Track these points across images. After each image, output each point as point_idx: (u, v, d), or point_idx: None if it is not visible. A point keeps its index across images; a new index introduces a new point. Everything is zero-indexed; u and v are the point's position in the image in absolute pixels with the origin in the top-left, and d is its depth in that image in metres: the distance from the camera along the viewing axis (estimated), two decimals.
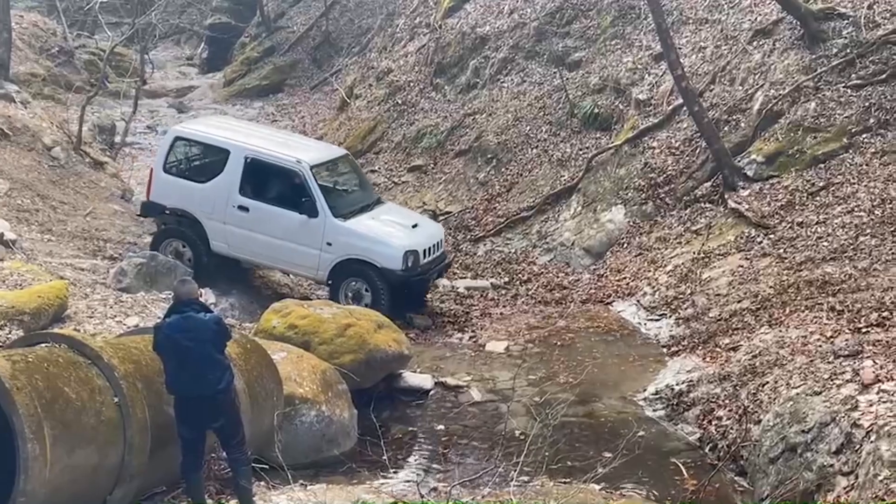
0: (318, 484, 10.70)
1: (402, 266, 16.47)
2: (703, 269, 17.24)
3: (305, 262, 16.74)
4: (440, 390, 14.52)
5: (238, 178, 16.83)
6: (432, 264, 17.23)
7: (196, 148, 18.01)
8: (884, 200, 16.39)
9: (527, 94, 24.11)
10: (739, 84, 20.29)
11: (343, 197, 17.88)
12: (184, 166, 17.79)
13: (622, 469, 11.28)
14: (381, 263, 16.43)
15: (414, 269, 16.65)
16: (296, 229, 16.56)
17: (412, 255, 16.62)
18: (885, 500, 8.58)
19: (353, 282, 16.55)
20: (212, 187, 17.04)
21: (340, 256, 16.53)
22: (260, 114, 32.81)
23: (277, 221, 16.68)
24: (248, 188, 16.88)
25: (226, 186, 16.89)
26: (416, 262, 16.69)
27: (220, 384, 9.27)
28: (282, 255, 16.81)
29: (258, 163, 16.85)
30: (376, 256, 16.47)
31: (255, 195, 16.87)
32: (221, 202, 16.90)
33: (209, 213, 17.01)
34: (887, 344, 11.82)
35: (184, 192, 17.23)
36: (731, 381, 13.23)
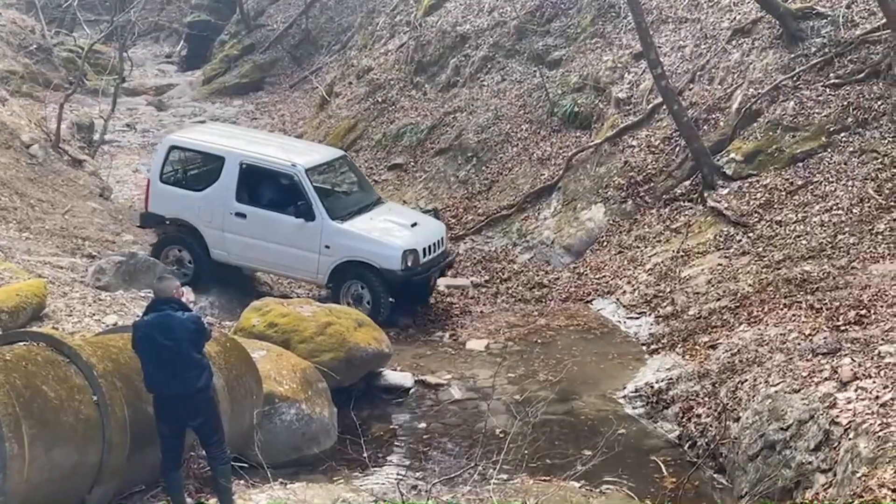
0: (297, 482, 10.69)
1: (401, 266, 16.26)
2: (682, 267, 17.30)
3: (305, 266, 16.58)
4: (420, 388, 14.53)
5: (234, 184, 16.67)
6: (433, 263, 17.01)
7: (191, 156, 17.85)
8: (862, 199, 16.48)
9: (507, 92, 24.13)
10: (719, 83, 20.37)
11: (341, 198, 17.75)
12: (180, 175, 17.60)
13: (602, 467, 11.33)
14: (379, 264, 16.25)
15: (414, 269, 16.43)
16: (293, 233, 16.40)
17: (411, 254, 16.41)
18: (862, 498, 8.62)
19: (353, 285, 16.38)
20: (208, 195, 16.88)
21: (339, 259, 16.35)
22: (239, 112, 32.75)
23: (275, 226, 16.54)
24: (245, 194, 16.72)
25: (222, 194, 16.73)
26: (416, 261, 16.48)
27: (198, 383, 9.25)
28: (281, 261, 16.70)
29: (253, 168, 16.73)
30: (375, 257, 16.30)
31: (251, 201, 16.72)
32: (219, 210, 16.72)
33: (207, 222, 16.83)
34: (865, 342, 11.88)
35: (181, 202, 17.05)
36: (711, 378, 13.28)
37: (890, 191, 16.35)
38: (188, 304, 9.66)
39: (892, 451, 9.07)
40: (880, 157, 17.08)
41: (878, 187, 16.54)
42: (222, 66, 36.52)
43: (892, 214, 15.91)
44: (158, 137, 26.19)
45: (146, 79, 38.42)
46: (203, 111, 33.36)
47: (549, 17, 24.81)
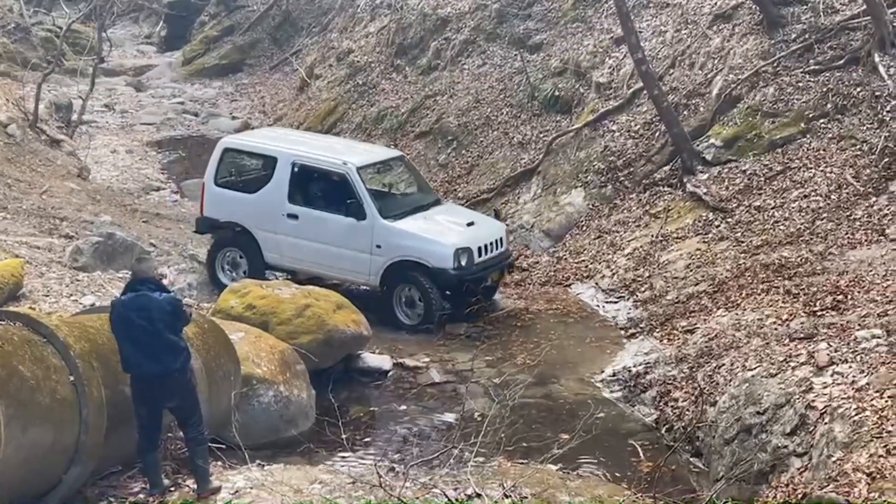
0: (275, 464, 10.69)
1: (453, 265, 15.65)
2: (661, 252, 17.34)
3: (356, 267, 16.09)
4: (399, 371, 14.52)
5: (286, 185, 16.36)
6: (490, 263, 16.30)
7: (245, 158, 17.75)
8: (840, 185, 16.55)
9: (488, 76, 24.12)
10: (699, 68, 20.40)
11: (395, 198, 17.47)
12: (234, 178, 17.38)
13: (579, 450, 11.35)
14: (431, 263, 15.64)
15: (468, 268, 15.78)
16: (345, 233, 15.98)
17: (465, 253, 15.76)
18: (837, 482, 8.68)
19: (406, 288, 15.83)
20: (261, 197, 16.60)
21: (391, 259, 15.82)
22: (219, 93, 32.65)
23: (327, 227, 16.15)
24: (298, 195, 16.41)
25: (275, 195, 16.43)
26: (471, 260, 15.84)
27: (174, 364, 9.24)
28: (333, 262, 16.26)
29: (306, 168, 16.43)
30: (426, 256, 15.71)
31: (304, 202, 16.42)
32: (272, 212, 16.43)
33: (261, 224, 16.55)
34: (842, 327, 11.94)
35: (235, 205, 16.78)
36: (688, 363, 13.34)
37: (868, 177, 16.42)
38: (167, 286, 9.61)
39: (867, 436, 9.13)
40: (859, 143, 17.14)
41: (856, 174, 16.61)
42: (202, 48, 36.40)
43: (869, 201, 15.98)
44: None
45: (125, 59, 38.25)
46: (182, 92, 33.24)
47: (530, 2, 24.84)
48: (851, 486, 8.48)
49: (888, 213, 15.48)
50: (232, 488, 9.75)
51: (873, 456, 8.74)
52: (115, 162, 25.17)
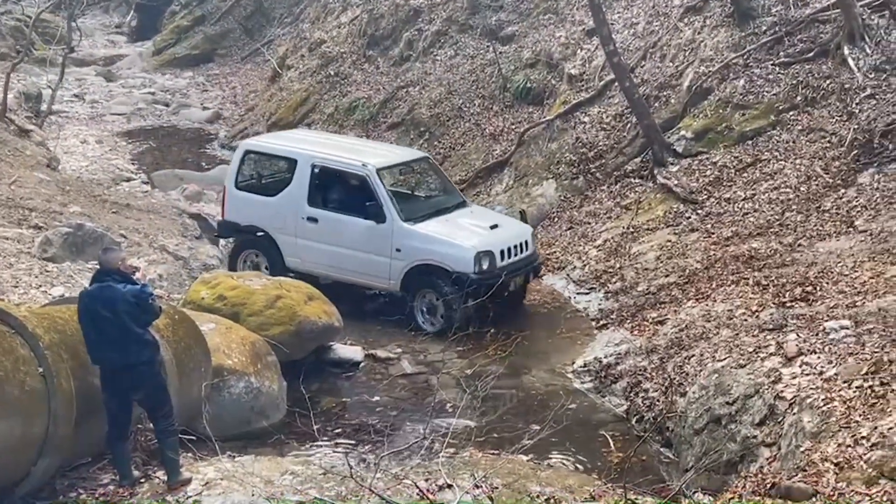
0: (246, 455, 10.66)
1: (474, 268, 15.14)
2: (632, 243, 17.40)
3: (376, 271, 15.69)
4: (370, 362, 14.52)
5: (306, 187, 16.09)
6: (515, 266, 15.75)
7: (265, 160, 17.51)
8: (809, 177, 16.66)
9: (460, 67, 24.12)
10: (670, 60, 20.48)
11: (417, 200, 17.13)
12: (255, 181, 17.17)
13: (550, 440, 11.39)
14: (452, 267, 15.18)
15: (490, 272, 15.19)
16: (365, 237, 15.66)
17: (486, 256, 15.27)
18: (805, 471, 8.74)
19: (426, 295, 15.43)
20: (281, 200, 16.35)
21: (410, 263, 15.42)
22: (190, 84, 32.48)
23: (346, 230, 15.83)
24: (317, 198, 16.13)
25: (295, 198, 16.16)
26: (493, 264, 15.32)
27: (139, 357, 9.20)
28: (353, 266, 15.85)
29: (325, 170, 16.13)
30: (446, 259, 15.27)
31: (324, 204, 16.13)
32: (292, 215, 16.16)
33: (281, 228, 16.29)
34: (811, 318, 12.03)
35: (256, 208, 16.55)
36: (658, 353, 13.40)
37: (837, 169, 16.54)
38: (135, 278, 9.54)
39: (835, 426, 9.19)
40: (828, 135, 17.26)
41: (825, 166, 16.73)
42: (173, 38, 36.21)
43: (838, 193, 16.11)
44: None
45: (95, 49, 38.00)
46: (153, 82, 33.06)
47: None
48: (819, 476, 8.54)
49: (857, 205, 15.61)
50: (202, 480, 9.71)
51: (841, 446, 8.80)
52: (84, 152, 25.00)
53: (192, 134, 28.43)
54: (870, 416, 9.02)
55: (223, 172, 23.74)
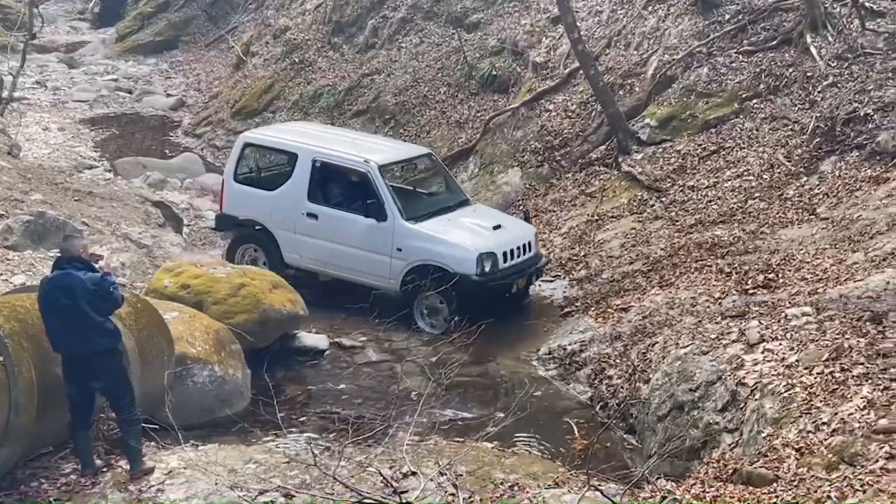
0: (210, 444, 10.65)
1: (476, 271, 14.81)
2: (596, 231, 17.45)
3: (376, 270, 15.38)
4: (335, 350, 14.51)
5: (307, 183, 15.82)
6: (517, 268, 15.42)
7: (265, 154, 17.21)
8: (772, 165, 16.77)
9: (425, 55, 24.07)
10: (634, 49, 20.53)
11: (419, 198, 16.77)
12: (254, 174, 16.95)
13: (515, 428, 11.43)
14: (453, 268, 14.82)
15: (492, 274, 14.94)
16: (365, 235, 15.38)
17: (489, 258, 14.94)
18: (767, 457, 8.81)
19: (427, 297, 15.08)
20: (281, 195, 16.10)
21: (411, 263, 15.12)
22: (153, 71, 32.24)
23: (346, 227, 15.57)
24: (318, 194, 15.87)
25: (295, 193, 15.91)
26: (495, 266, 14.99)
27: (99, 345, 9.15)
28: (353, 264, 15.58)
29: (326, 166, 15.83)
30: (448, 261, 14.91)
31: (324, 201, 15.88)
32: (291, 210, 15.91)
33: (280, 223, 16.05)
34: (773, 305, 12.12)
35: (255, 202, 16.34)
36: (622, 341, 13.46)
37: (799, 157, 16.66)
38: (99, 266, 9.47)
39: (796, 412, 9.26)
40: (791, 123, 17.37)
41: (787, 153, 16.84)
42: (136, 24, 35.87)
43: (800, 180, 16.23)
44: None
45: (57, 35, 37.61)
46: (116, 69, 32.79)
47: None
48: (780, 462, 8.60)
49: (819, 193, 15.74)
50: (165, 469, 9.70)
51: (802, 432, 8.87)
52: (46, 140, 24.76)
53: (156, 121, 28.22)
54: (830, 402, 9.09)
55: (187, 160, 23.68)
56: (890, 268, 12.44)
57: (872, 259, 12.95)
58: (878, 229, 13.80)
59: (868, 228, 13.96)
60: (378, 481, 9.33)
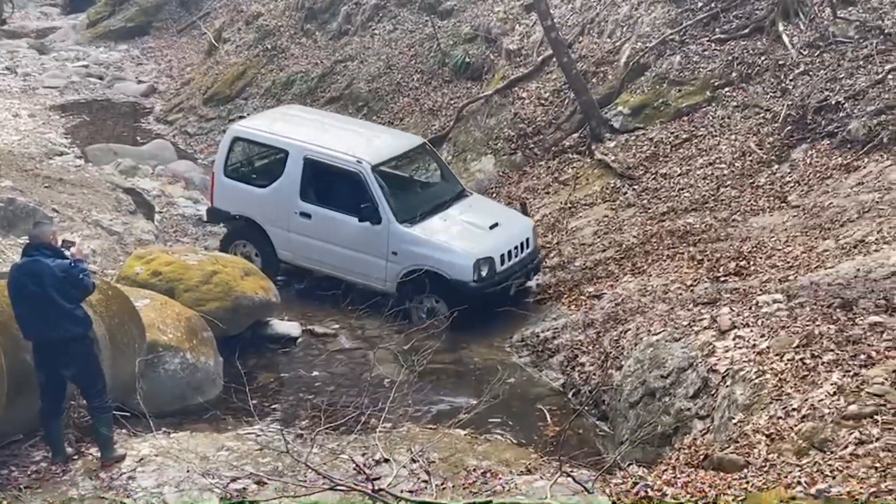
0: (181, 431, 10.62)
1: (473, 277, 14.51)
2: (569, 218, 17.47)
3: (372, 272, 15.08)
4: (308, 338, 14.50)
5: (298, 181, 15.44)
6: (514, 270, 15.09)
7: (255, 148, 16.68)
8: (744, 153, 16.83)
9: (398, 42, 24.00)
10: (608, 36, 20.54)
11: (414, 196, 16.17)
12: (245, 169, 16.54)
13: (488, 414, 11.46)
14: (449, 274, 14.56)
15: (489, 279, 14.65)
16: (360, 237, 15.01)
17: (486, 263, 14.62)
18: (738, 443, 8.85)
19: (423, 299, 14.81)
20: (273, 192, 15.74)
21: (406, 267, 14.78)
22: (125, 57, 31.96)
23: (340, 228, 15.19)
24: (311, 192, 15.48)
25: (287, 191, 15.54)
26: (492, 270, 14.68)
27: (68, 332, 9.10)
28: (347, 265, 15.27)
29: (318, 164, 15.41)
30: (444, 267, 14.58)
31: (317, 200, 15.45)
32: (284, 208, 15.56)
33: (273, 220, 15.72)
34: (744, 292, 12.18)
35: (246, 198, 16.00)
36: (595, 328, 13.49)
37: (771, 145, 16.73)
38: (71, 253, 9.40)
39: (766, 398, 9.32)
40: (762, 111, 17.44)
41: (759, 141, 16.91)
42: (107, 10, 35.50)
43: (772, 168, 16.30)
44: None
45: (28, 21, 37.23)
46: (87, 55, 32.49)
47: None
48: (751, 448, 8.66)
49: (790, 181, 15.82)
50: (137, 456, 9.67)
51: (772, 418, 8.93)
52: (16, 126, 24.53)
53: (127, 108, 28.00)
54: (801, 389, 9.15)
55: (159, 147, 23.53)
56: (860, 255, 12.53)
57: (843, 246, 13.03)
58: (849, 217, 13.89)
59: (839, 216, 14.05)
60: (350, 468, 9.33)
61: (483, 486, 9.17)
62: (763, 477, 8.10)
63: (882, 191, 14.26)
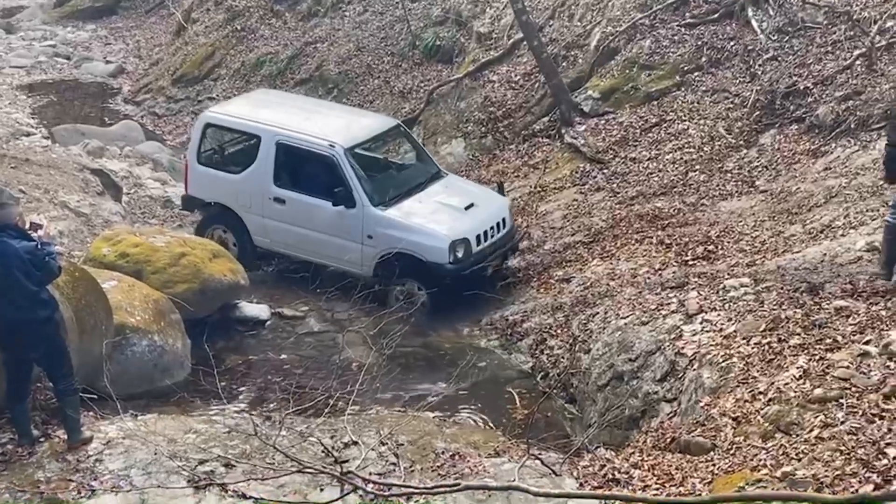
0: (149, 414, 10.57)
1: (449, 259, 14.37)
2: (539, 202, 17.49)
3: (347, 256, 14.87)
4: (277, 320, 14.48)
5: (271, 166, 15.25)
6: (491, 250, 15.01)
7: (228, 134, 16.46)
8: (712, 138, 16.89)
9: (369, 23, 23.93)
10: (578, 20, 20.54)
11: (389, 178, 15.94)
12: (217, 156, 16.29)
13: (457, 398, 11.51)
14: (425, 257, 14.44)
15: (465, 260, 14.51)
16: (334, 221, 14.83)
17: (462, 244, 14.50)
18: (704, 426, 8.91)
19: (402, 283, 14.66)
20: (246, 178, 15.54)
21: (382, 251, 14.65)
22: (92, 37, 31.69)
23: (315, 213, 15.01)
24: (284, 177, 15.30)
25: (260, 177, 15.34)
26: (468, 251, 14.55)
27: (35, 314, 9.02)
28: (324, 250, 15.14)
29: (290, 148, 15.20)
30: (419, 249, 14.45)
31: (291, 185, 15.27)
32: (258, 194, 15.38)
33: (247, 207, 15.52)
34: (712, 276, 12.23)
35: (220, 185, 15.80)
36: (564, 311, 13.53)
37: (739, 130, 16.80)
38: (39, 235, 9.31)
39: (733, 381, 9.38)
40: (731, 96, 17.50)
41: (728, 126, 16.97)
42: None
43: (740, 153, 16.38)
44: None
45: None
46: (54, 35, 32.20)
47: None
48: (718, 430, 8.72)
49: (758, 165, 15.90)
50: (104, 439, 9.61)
51: (739, 401, 8.99)
52: None
53: (95, 88, 27.79)
54: (767, 372, 9.22)
55: (126, 128, 23.37)
56: (827, 240, 12.62)
57: (810, 231, 13.12)
58: (816, 202, 13.98)
59: (806, 201, 14.14)
60: (319, 451, 9.32)
61: (451, 469, 9.20)
62: (729, 459, 8.16)
63: (849, 176, 14.35)
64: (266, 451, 9.30)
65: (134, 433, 9.59)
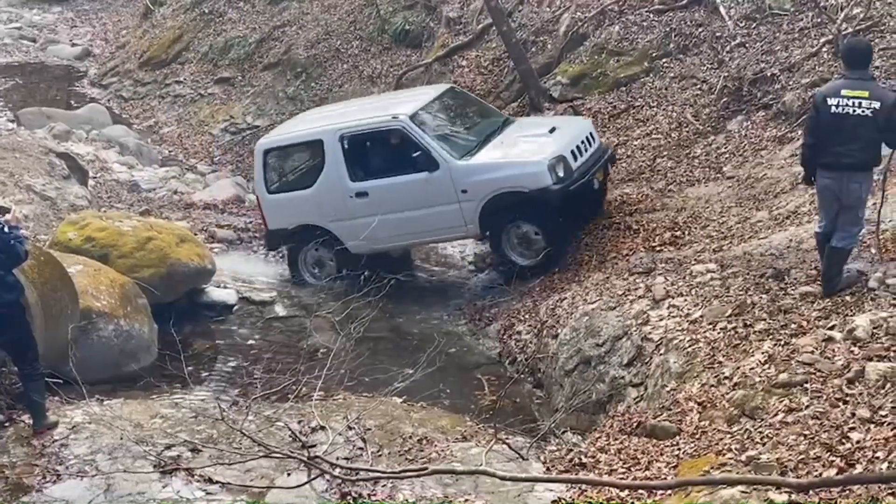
0: (115, 399, 10.54)
1: (553, 180, 13.79)
2: None
3: (448, 222, 14.33)
4: (245, 305, 14.44)
5: (342, 163, 14.68)
6: (590, 163, 14.45)
7: (288, 153, 15.98)
8: (680, 124, 16.94)
9: (337, 7, 23.86)
10: (547, 5, 20.54)
11: (463, 134, 15.33)
12: (286, 178, 15.74)
13: (425, 383, 11.46)
14: (529, 187, 13.84)
15: (569, 177, 13.93)
16: (423, 191, 14.24)
17: (559, 162, 13.91)
18: (670, 410, 8.97)
19: (514, 227, 14.21)
20: (321, 185, 14.92)
21: (482, 199, 14.05)
22: (59, 20, 31.48)
23: (401, 192, 14.42)
24: (358, 170, 14.75)
25: (335, 178, 14.74)
26: (568, 168, 13.97)
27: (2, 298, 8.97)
28: (423, 226, 14.53)
29: (355, 137, 14.69)
30: (519, 181, 13.88)
31: (368, 175, 14.73)
32: (338, 197, 14.75)
33: (331, 216, 14.90)
34: (679, 262, 12.28)
35: (298, 206, 15.10)
36: (532, 296, 13.56)
37: (707, 116, 16.85)
38: (6, 219, 9.24)
39: (699, 366, 9.42)
40: (699, 83, 17.54)
41: (696, 112, 17.02)
42: None
43: (708, 139, 16.43)
44: None
45: None
46: (20, 17, 31.97)
47: None
48: (684, 415, 8.76)
49: (725, 152, 15.95)
50: (70, 423, 9.59)
51: (705, 386, 9.03)
52: None
53: (61, 71, 27.61)
54: (733, 357, 9.26)
55: (93, 111, 23.23)
56: (793, 226, 12.68)
57: (776, 217, 13.18)
58: (782, 188, 14.04)
59: (772, 187, 14.20)
60: (286, 436, 9.32)
61: (419, 454, 9.22)
62: (695, 444, 8.21)
63: None
64: (233, 436, 9.30)
65: (100, 418, 9.58)
